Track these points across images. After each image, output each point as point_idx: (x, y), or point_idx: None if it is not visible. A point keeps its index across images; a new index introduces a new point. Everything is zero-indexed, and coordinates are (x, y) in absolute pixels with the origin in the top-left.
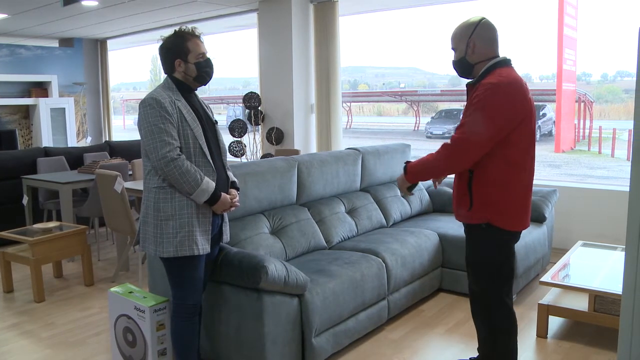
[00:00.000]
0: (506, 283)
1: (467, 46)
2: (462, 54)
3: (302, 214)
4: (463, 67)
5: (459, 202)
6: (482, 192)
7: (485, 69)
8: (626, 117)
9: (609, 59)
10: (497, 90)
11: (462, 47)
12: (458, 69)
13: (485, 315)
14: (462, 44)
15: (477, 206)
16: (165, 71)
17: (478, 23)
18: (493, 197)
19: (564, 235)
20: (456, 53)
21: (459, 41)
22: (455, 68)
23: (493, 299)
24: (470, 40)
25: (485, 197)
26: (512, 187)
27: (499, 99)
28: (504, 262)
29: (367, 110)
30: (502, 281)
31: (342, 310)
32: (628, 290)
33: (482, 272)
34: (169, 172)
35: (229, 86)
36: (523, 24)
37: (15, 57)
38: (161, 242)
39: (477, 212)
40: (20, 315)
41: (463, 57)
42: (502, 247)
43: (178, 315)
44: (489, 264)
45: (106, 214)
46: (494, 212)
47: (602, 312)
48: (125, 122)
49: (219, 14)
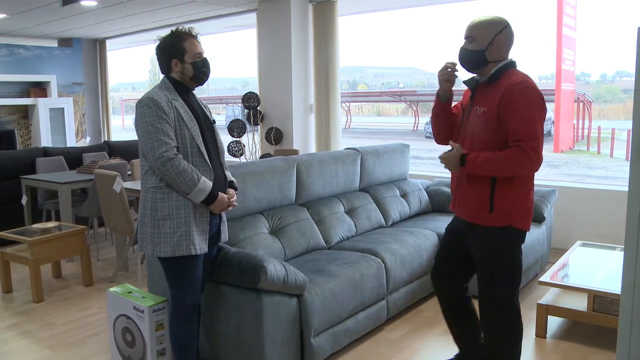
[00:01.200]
0: (519, 285)
1: (491, 41)
2: (482, 47)
3: (301, 214)
4: (477, 60)
5: (478, 205)
6: (506, 195)
7: (500, 68)
8: (625, 117)
9: (608, 59)
10: (536, 91)
11: (486, 40)
12: (470, 60)
13: (498, 318)
14: (487, 37)
15: (499, 209)
16: (162, 71)
17: (507, 24)
18: (517, 199)
19: (563, 235)
20: (474, 43)
21: (484, 33)
22: (467, 57)
23: (508, 302)
24: (497, 36)
25: (509, 200)
26: (531, 188)
27: (540, 99)
28: (520, 263)
29: (366, 110)
30: (517, 283)
31: (341, 310)
32: (627, 290)
33: (501, 275)
34: (165, 171)
35: (228, 86)
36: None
37: (14, 57)
38: (159, 242)
39: (499, 215)
40: (19, 316)
41: (483, 49)
42: (519, 248)
43: (177, 315)
44: (508, 266)
45: (105, 214)
46: (516, 215)
47: (601, 312)
48: (124, 122)
49: (218, 14)
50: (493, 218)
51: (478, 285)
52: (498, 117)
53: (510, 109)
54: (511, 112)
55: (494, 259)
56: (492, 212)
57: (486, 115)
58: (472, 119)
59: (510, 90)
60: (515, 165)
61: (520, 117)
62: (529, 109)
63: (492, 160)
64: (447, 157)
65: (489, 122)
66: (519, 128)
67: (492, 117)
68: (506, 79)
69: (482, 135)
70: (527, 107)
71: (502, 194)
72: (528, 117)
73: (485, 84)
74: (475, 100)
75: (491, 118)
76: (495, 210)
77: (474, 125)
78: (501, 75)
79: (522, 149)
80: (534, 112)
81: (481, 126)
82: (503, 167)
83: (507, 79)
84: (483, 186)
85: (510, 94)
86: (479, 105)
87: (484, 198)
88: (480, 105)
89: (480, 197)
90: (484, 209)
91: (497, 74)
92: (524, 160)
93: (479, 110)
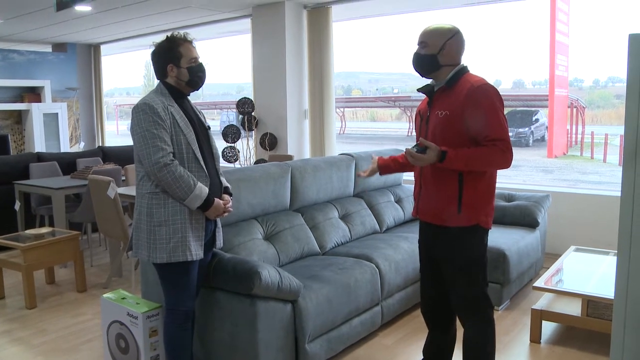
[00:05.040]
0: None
1: (442, 46)
2: (434, 51)
3: (296, 220)
4: (429, 64)
5: (444, 205)
6: (473, 194)
7: (456, 73)
8: (618, 122)
9: (601, 65)
10: (495, 91)
11: (437, 45)
12: (422, 64)
13: (479, 317)
14: (438, 42)
15: (467, 208)
16: (157, 76)
17: (458, 31)
18: (483, 198)
19: (556, 240)
20: (426, 48)
21: (434, 38)
22: (419, 62)
23: (485, 298)
24: (447, 42)
25: (476, 199)
26: (494, 187)
27: (500, 99)
28: (487, 260)
29: (360, 115)
30: (486, 279)
31: (335, 316)
32: (620, 295)
33: (476, 274)
34: (162, 177)
35: (223, 92)
36: (515, 30)
37: (8, 62)
38: (154, 248)
39: (467, 214)
40: (11, 322)
41: (435, 54)
42: (486, 246)
43: (171, 321)
44: (480, 265)
45: (99, 220)
46: (482, 214)
47: (594, 317)
48: (119, 127)
49: (213, 20)
50: (461, 218)
51: (450, 288)
52: (462, 118)
53: (476, 111)
54: (478, 114)
55: (469, 260)
56: (460, 213)
57: (448, 118)
58: (433, 123)
59: (474, 93)
60: (494, 162)
61: (489, 119)
62: (494, 110)
63: (472, 156)
64: (424, 158)
65: (451, 124)
66: (490, 129)
67: (455, 119)
68: (465, 82)
69: (444, 136)
70: (493, 108)
71: (470, 193)
72: (495, 118)
73: (444, 89)
74: (435, 105)
75: (454, 120)
76: (463, 210)
77: (435, 128)
78: (458, 80)
79: (499, 148)
80: (499, 112)
81: (443, 128)
82: (482, 161)
83: (466, 82)
84: (450, 187)
85: (475, 96)
86: (439, 109)
87: (451, 198)
88: (440, 109)
89: (448, 197)
90: (452, 209)
91: (454, 79)
92: (503, 157)
93: (440, 114)
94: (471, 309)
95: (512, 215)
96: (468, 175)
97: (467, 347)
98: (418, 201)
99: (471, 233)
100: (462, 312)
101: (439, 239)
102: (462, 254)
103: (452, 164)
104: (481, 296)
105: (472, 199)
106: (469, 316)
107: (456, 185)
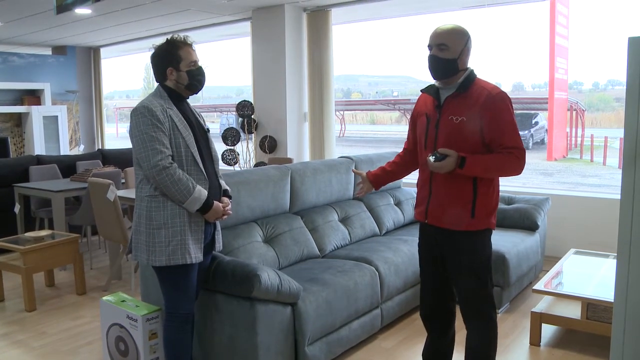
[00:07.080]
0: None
1: (462, 50)
2: (455, 55)
3: (295, 223)
4: (450, 69)
5: (458, 210)
6: (485, 199)
7: (468, 77)
8: (617, 125)
9: (601, 68)
10: (509, 99)
11: (459, 49)
12: (442, 69)
13: (484, 319)
14: (459, 46)
15: (480, 213)
16: (157, 79)
17: (469, 34)
18: (494, 203)
19: (556, 243)
20: (447, 51)
21: (456, 41)
22: (438, 66)
23: (491, 300)
24: (466, 46)
25: (488, 204)
26: (499, 190)
27: (512, 106)
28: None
29: (360, 118)
30: (492, 281)
31: (335, 319)
32: (620, 298)
33: (485, 275)
34: (161, 180)
35: (222, 94)
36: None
37: (8, 64)
38: (153, 251)
39: (480, 219)
40: (11, 325)
41: (455, 58)
42: (492, 247)
43: (170, 324)
44: (488, 266)
45: (99, 223)
46: (492, 217)
47: (594, 320)
48: (118, 130)
49: (213, 23)
50: (474, 222)
51: (459, 290)
52: (478, 125)
53: (495, 119)
54: (496, 122)
55: (481, 262)
56: (474, 217)
57: (465, 125)
58: (447, 128)
59: (492, 100)
60: (510, 169)
61: (507, 127)
62: (511, 119)
63: (490, 163)
64: (444, 166)
65: (467, 130)
66: (507, 137)
67: (471, 125)
68: (479, 88)
69: (460, 142)
70: (510, 117)
71: (483, 198)
72: (512, 126)
73: (456, 94)
74: (447, 110)
75: (470, 126)
76: (477, 214)
77: (450, 134)
78: (470, 84)
79: (515, 156)
80: (515, 120)
81: (460, 134)
82: (499, 168)
83: (482, 89)
84: (464, 192)
85: (494, 104)
86: (454, 114)
87: (465, 203)
88: (455, 114)
89: (462, 202)
90: (466, 214)
91: (466, 83)
92: (518, 165)
93: (456, 119)
94: (477, 310)
95: (512, 218)
96: (481, 180)
97: (470, 348)
98: (427, 205)
99: (481, 236)
100: (468, 313)
101: (448, 243)
102: (473, 257)
103: (471, 171)
104: (488, 297)
105: (485, 204)
106: (474, 317)
107: (471, 190)
